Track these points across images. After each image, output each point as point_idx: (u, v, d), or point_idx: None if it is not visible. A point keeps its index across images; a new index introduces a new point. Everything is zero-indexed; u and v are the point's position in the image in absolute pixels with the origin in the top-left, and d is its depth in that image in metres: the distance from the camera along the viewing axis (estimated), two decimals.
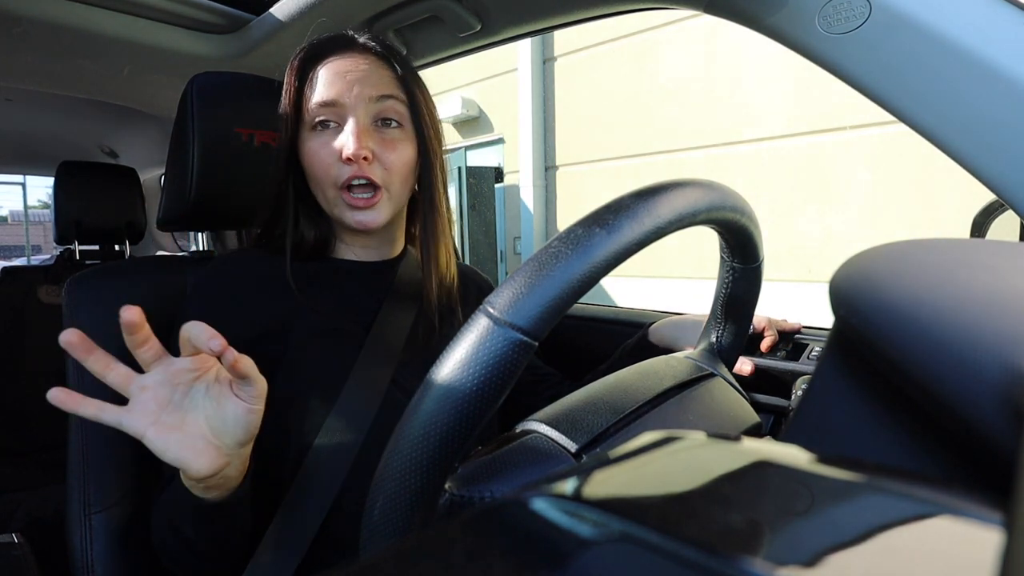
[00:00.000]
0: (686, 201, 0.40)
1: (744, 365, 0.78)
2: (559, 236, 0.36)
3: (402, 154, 0.72)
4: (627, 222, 0.36)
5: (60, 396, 0.45)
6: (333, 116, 0.69)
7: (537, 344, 0.34)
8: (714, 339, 0.60)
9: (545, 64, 2.21)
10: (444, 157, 0.80)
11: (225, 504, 0.54)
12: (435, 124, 0.77)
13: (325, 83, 0.70)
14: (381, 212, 0.71)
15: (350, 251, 0.79)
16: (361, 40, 0.73)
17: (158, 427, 0.47)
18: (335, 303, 0.73)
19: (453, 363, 0.34)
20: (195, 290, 0.72)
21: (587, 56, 2.11)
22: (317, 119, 0.70)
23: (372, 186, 0.70)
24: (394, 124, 0.72)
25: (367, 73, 0.70)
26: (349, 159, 0.67)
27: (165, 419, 0.48)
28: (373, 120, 0.70)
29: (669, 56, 1.90)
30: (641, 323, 1.06)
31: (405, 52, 0.79)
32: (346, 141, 0.68)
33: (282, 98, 0.72)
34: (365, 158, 0.68)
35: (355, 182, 0.69)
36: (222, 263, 0.74)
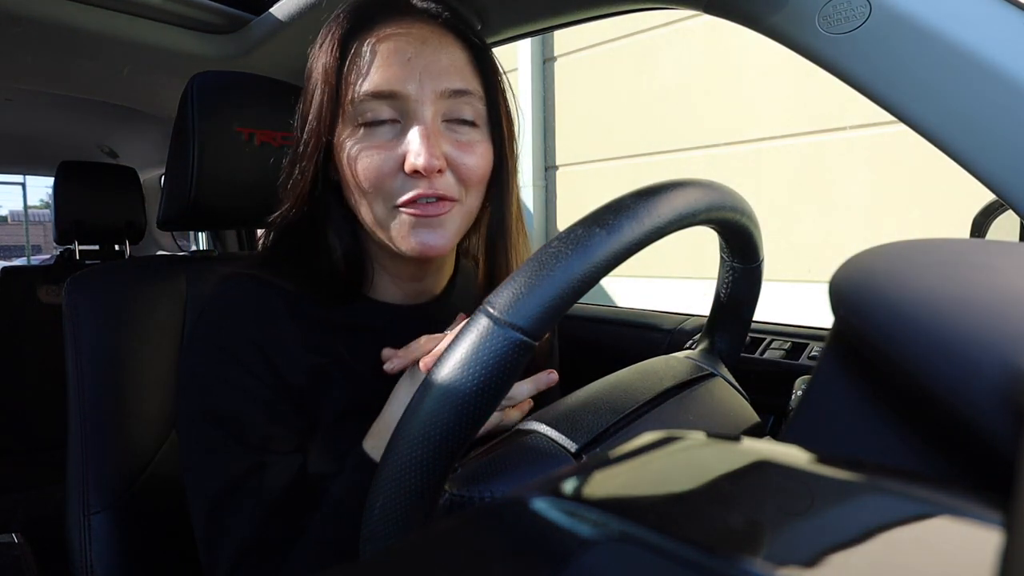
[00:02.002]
0: (686, 201, 0.40)
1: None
2: (559, 236, 0.36)
3: (481, 158, 0.56)
4: (627, 222, 0.36)
5: None
6: (390, 112, 0.53)
7: (537, 344, 0.34)
8: (714, 339, 0.60)
9: (545, 64, 2.21)
10: (517, 160, 0.64)
11: None
12: (511, 121, 0.61)
13: (379, 66, 0.52)
14: (450, 228, 0.55)
15: (389, 285, 0.62)
16: (422, 4, 0.56)
17: None
18: (374, 365, 0.57)
19: (453, 363, 0.34)
20: (202, 331, 0.58)
21: (587, 56, 2.11)
22: (367, 115, 0.53)
23: (443, 200, 0.55)
24: (468, 123, 0.56)
25: (435, 53, 0.54)
26: (417, 172, 0.51)
27: None
28: (443, 118, 0.55)
29: (670, 56, 1.90)
30: (642, 324, 1.06)
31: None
32: (414, 149, 0.51)
33: (313, 76, 0.56)
34: (440, 171, 0.53)
35: (421, 200, 0.53)
36: (228, 299, 0.58)
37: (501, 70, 0.60)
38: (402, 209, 0.54)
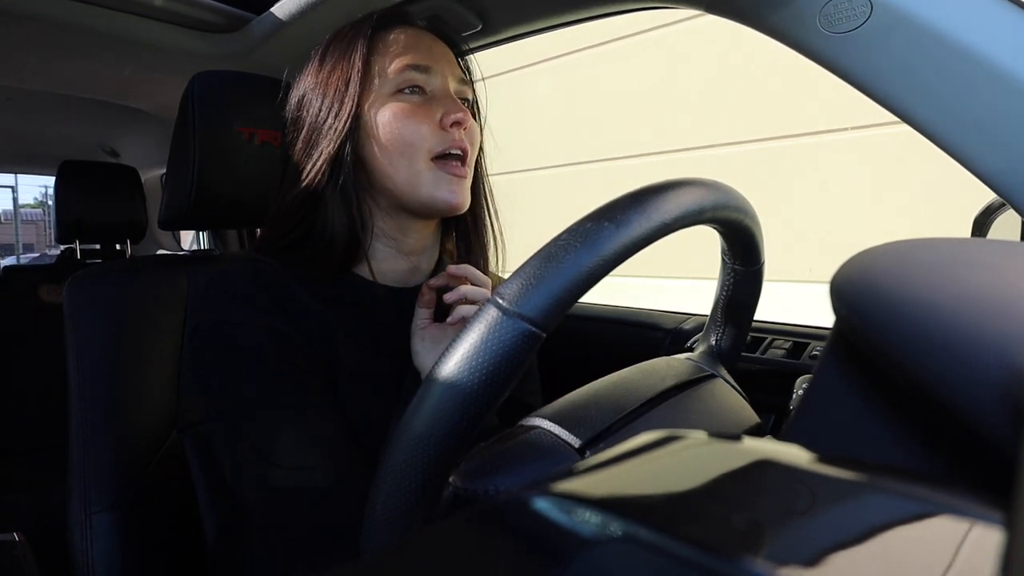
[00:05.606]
0: (693, 198, 0.40)
1: None
2: (568, 229, 0.36)
3: (477, 130, 0.68)
4: (636, 217, 0.36)
5: None
6: (423, 82, 0.63)
7: (545, 335, 0.34)
8: (714, 341, 0.60)
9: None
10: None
11: None
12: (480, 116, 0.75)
13: (410, 47, 0.64)
14: (466, 190, 0.65)
15: (388, 260, 0.68)
16: (422, 23, 0.68)
17: None
18: (370, 339, 0.64)
19: (461, 353, 0.34)
20: (206, 303, 0.61)
21: (518, 76, 2.18)
22: (405, 84, 0.62)
23: (462, 160, 0.64)
24: (467, 102, 0.68)
25: (444, 50, 0.66)
26: (457, 122, 0.62)
27: None
28: (455, 95, 0.66)
29: (599, 75, 1.96)
30: (643, 323, 1.06)
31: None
32: (449, 107, 0.62)
33: (341, 66, 0.63)
34: (465, 128, 0.63)
35: (453, 152, 0.63)
36: (231, 273, 0.61)
37: (480, 74, 0.73)
38: (437, 165, 0.62)
